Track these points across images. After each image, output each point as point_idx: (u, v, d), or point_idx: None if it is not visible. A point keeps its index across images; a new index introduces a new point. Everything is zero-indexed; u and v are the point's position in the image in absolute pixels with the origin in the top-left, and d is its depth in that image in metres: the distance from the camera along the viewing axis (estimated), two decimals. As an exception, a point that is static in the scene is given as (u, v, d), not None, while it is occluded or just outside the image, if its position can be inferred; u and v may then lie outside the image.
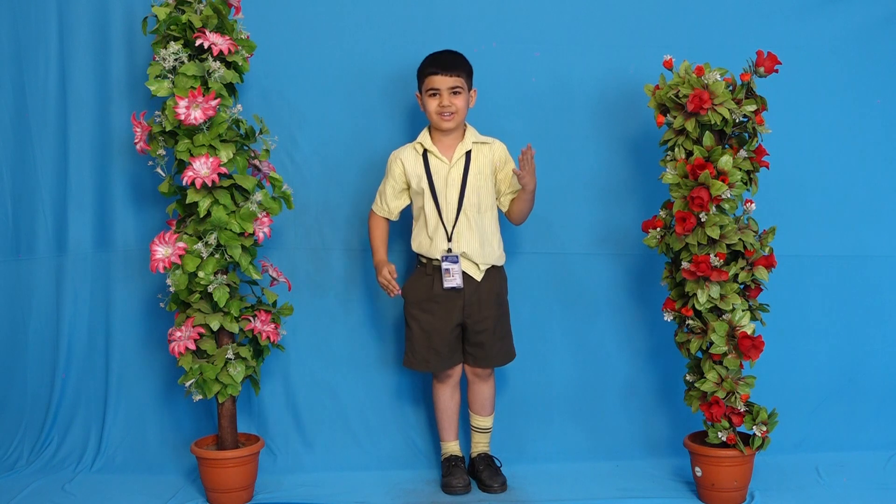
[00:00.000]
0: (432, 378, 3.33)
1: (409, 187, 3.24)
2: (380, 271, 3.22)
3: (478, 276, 3.20)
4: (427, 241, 3.20)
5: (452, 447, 3.33)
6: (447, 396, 3.32)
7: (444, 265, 3.16)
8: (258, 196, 3.06)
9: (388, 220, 3.29)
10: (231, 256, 3.05)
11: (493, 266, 3.24)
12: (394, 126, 3.48)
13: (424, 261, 3.22)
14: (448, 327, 3.20)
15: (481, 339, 3.23)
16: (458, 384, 3.33)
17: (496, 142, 3.26)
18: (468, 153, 3.21)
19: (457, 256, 3.16)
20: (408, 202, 3.27)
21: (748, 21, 3.50)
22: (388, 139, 3.46)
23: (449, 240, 3.18)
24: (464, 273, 3.18)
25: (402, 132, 3.47)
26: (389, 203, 3.26)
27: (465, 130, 3.24)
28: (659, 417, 3.55)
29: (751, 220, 3.07)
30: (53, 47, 3.45)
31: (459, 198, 3.18)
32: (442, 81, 3.14)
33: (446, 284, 3.17)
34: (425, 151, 3.21)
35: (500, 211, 3.28)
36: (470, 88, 3.21)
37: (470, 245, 3.18)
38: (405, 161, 3.22)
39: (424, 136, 3.23)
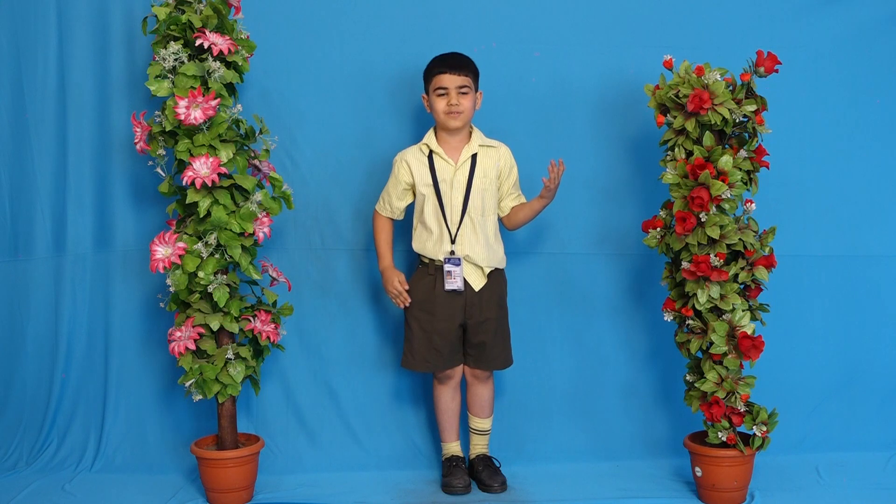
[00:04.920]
0: (433, 380, 3.33)
1: (413, 187, 3.23)
2: (389, 280, 3.22)
3: (480, 283, 3.20)
4: (430, 243, 3.19)
5: (453, 447, 3.33)
6: (448, 398, 3.32)
7: (447, 267, 3.16)
8: (258, 196, 3.06)
9: (392, 220, 3.29)
10: (231, 256, 3.05)
11: (495, 269, 3.25)
12: (394, 125, 3.48)
13: (426, 261, 3.22)
14: (449, 327, 3.20)
15: (482, 339, 3.23)
16: (458, 386, 3.33)
17: (502, 146, 3.27)
18: (474, 156, 3.21)
19: (459, 259, 3.16)
20: (412, 200, 3.26)
21: (748, 21, 3.50)
22: (388, 139, 3.46)
23: (452, 242, 3.18)
24: (464, 280, 3.18)
25: (403, 132, 3.47)
26: (394, 203, 3.25)
27: (471, 133, 3.24)
28: (659, 417, 3.55)
29: (751, 220, 3.07)
30: (53, 47, 3.45)
31: (464, 200, 3.18)
32: (450, 80, 3.14)
33: (447, 287, 3.17)
34: (431, 153, 3.21)
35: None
36: (476, 90, 3.22)
37: (474, 248, 3.18)
38: (410, 162, 3.21)
39: (430, 138, 3.23)
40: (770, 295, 3.21)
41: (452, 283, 3.17)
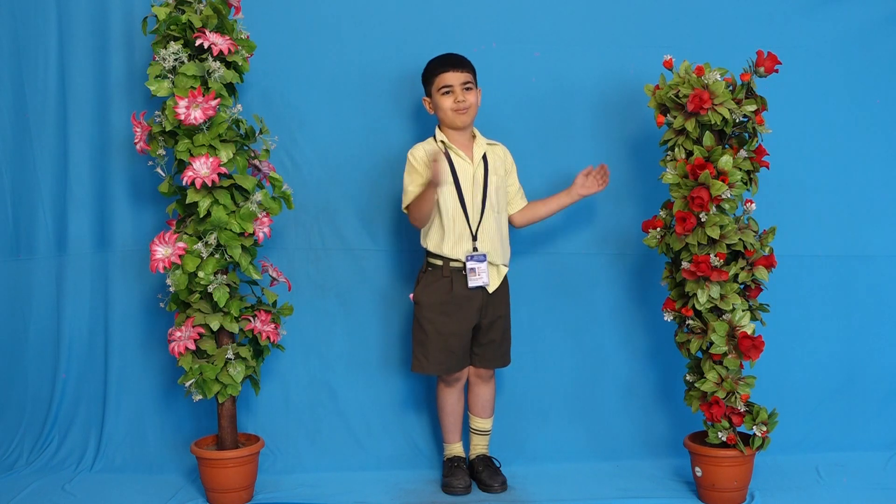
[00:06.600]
0: (437, 382, 3.33)
1: None
2: (429, 164, 3.05)
3: (496, 284, 3.20)
4: (448, 241, 3.16)
5: (456, 448, 3.33)
6: (454, 400, 3.31)
7: (470, 264, 3.15)
8: (258, 196, 3.06)
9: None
10: (231, 256, 3.05)
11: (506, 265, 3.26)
12: (395, 125, 3.48)
13: (440, 262, 3.19)
14: (465, 329, 3.19)
15: (493, 337, 3.23)
16: (463, 388, 3.33)
17: (500, 144, 3.29)
18: (484, 154, 3.21)
19: (483, 255, 3.15)
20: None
21: (748, 21, 3.50)
22: (389, 138, 3.46)
23: (474, 239, 3.17)
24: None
25: (404, 131, 3.47)
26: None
27: (474, 132, 3.24)
28: (659, 417, 3.55)
29: (751, 220, 3.07)
30: (53, 47, 3.45)
31: (483, 198, 3.17)
32: (454, 77, 3.15)
33: (472, 283, 3.15)
34: (447, 150, 3.20)
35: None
36: (476, 87, 3.22)
37: (493, 245, 3.18)
38: (429, 156, 3.19)
39: (442, 136, 3.22)
40: (770, 295, 3.21)
41: (477, 280, 3.15)
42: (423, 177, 3.15)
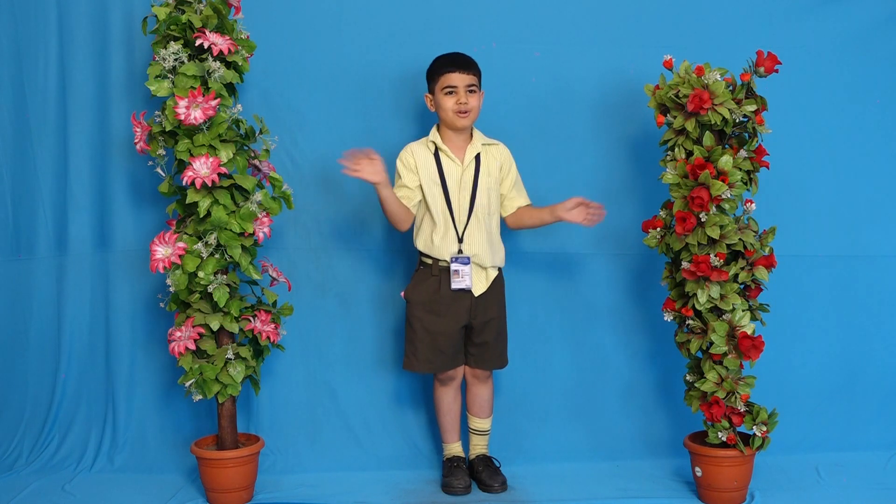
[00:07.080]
0: (434, 381, 3.33)
1: (418, 181, 3.20)
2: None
3: (482, 288, 3.20)
4: (436, 242, 3.18)
5: (455, 448, 3.33)
6: (450, 399, 3.31)
7: (454, 266, 3.15)
8: (258, 196, 3.06)
9: (408, 212, 3.16)
10: (231, 256, 3.05)
11: (498, 267, 3.25)
12: (395, 125, 3.48)
13: (430, 261, 3.21)
14: (454, 328, 3.19)
15: (486, 338, 3.23)
16: (459, 387, 3.33)
17: (500, 143, 3.28)
18: (477, 155, 3.21)
19: (468, 258, 3.16)
20: (420, 196, 3.20)
21: (748, 21, 3.50)
22: (389, 138, 3.45)
23: (460, 241, 3.17)
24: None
25: (404, 131, 3.47)
26: (411, 193, 3.15)
27: (472, 132, 3.24)
28: (659, 417, 3.55)
29: (751, 220, 3.07)
30: (53, 47, 3.45)
31: (471, 200, 3.17)
32: (459, 79, 3.14)
33: (455, 286, 3.16)
34: (437, 151, 3.20)
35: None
36: (480, 90, 3.22)
37: (481, 247, 3.18)
38: (416, 154, 3.19)
39: (435, 136, 3.22)
40: (770, 295, 3.21)
41: (460, 282, 3.16)
42: (407, 174, 3.16)
